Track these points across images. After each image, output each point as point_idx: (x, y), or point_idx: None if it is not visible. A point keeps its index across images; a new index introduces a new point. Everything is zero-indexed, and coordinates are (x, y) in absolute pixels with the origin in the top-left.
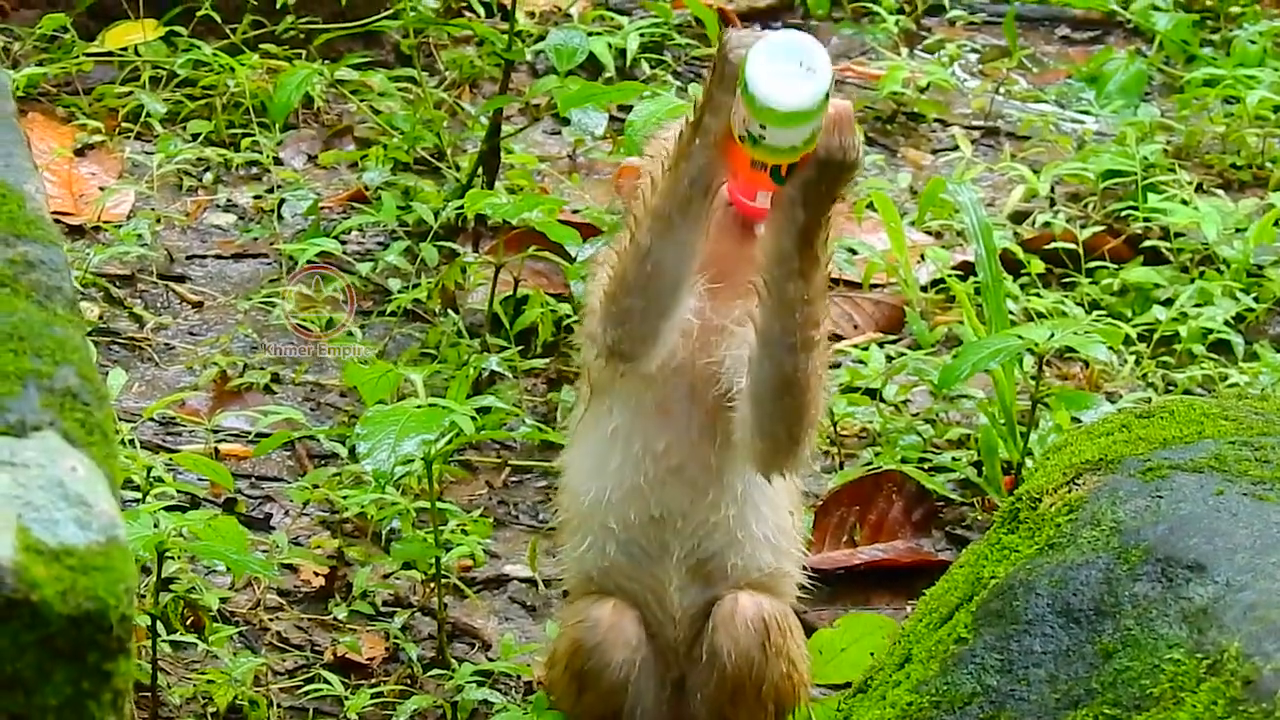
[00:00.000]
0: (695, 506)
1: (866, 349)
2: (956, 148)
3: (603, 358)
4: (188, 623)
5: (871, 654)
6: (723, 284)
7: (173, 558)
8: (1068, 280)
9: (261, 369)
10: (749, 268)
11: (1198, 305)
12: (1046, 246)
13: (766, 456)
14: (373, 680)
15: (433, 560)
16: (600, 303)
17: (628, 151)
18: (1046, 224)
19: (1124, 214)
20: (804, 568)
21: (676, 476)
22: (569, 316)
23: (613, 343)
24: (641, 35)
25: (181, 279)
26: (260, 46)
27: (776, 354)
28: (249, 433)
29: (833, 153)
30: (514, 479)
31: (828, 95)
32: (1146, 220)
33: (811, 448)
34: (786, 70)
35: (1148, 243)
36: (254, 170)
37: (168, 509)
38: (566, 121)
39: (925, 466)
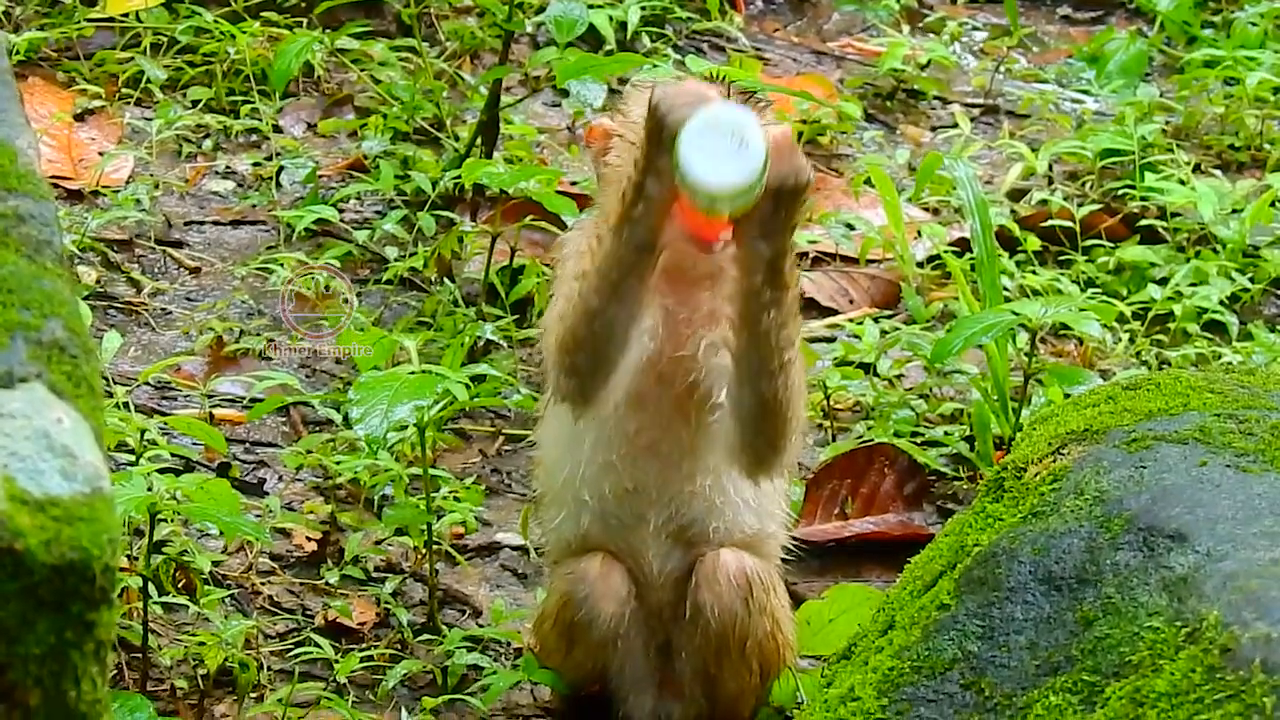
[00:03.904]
0: (670, 480)
1: (861, 323)
2: (956, 125)
3: (562, 400)
4: (179, 585)
5: (859, 623)
6: (681, 282)
7: (165, 520)
8: (1064, 258)
9: (257, 335)
10: (706, 264)
11: (1193, 285)
12: (1043, 224)
13: (751, 466)
14: (363, 644)
15: (425, 526)
16: (553, 350)
17: None
18: (1044, 202)
19: (1121, 193)
20: (790, 530)
21: (650, 453)
22: None
23: (567, 392)
24: (643, 8)
25: (179, 245)
26: (261, 14)
27: (755, 380)
28: (244, 398)
29: (785, 180)
30: (507, 447)
31: (766, 163)
32: (1143, 199)
33: (795, 453)
34: (719, 148)
35: (1144, 222)
36: (253, 137)
37: (161, 472)
38: (566, 93)
39: (918, 440)
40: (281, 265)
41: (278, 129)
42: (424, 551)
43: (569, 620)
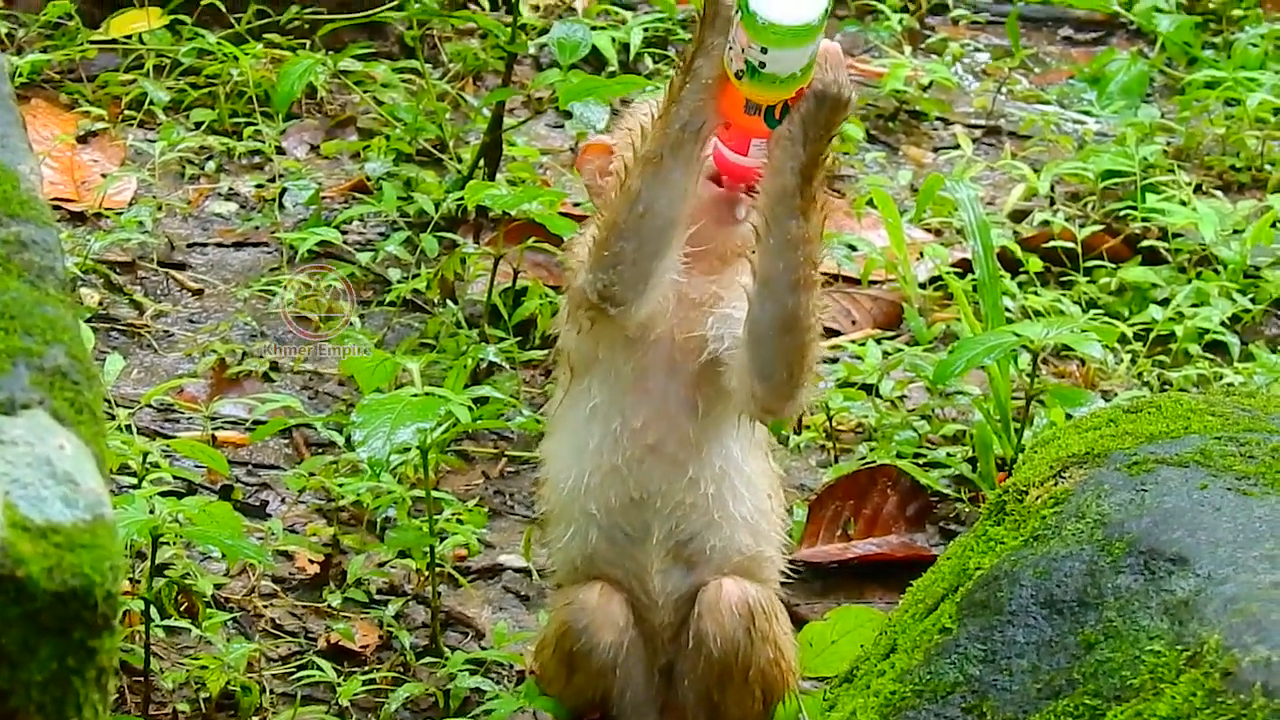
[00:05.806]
0: (674, 486)
1: (864, 345)
2: (957, 146)
3: (591, 312)
4: (182, 608)
5: (861, 646)
6: (700, 261)
7: (168, 543)
8: (1066, 279)
9: (260, 357)
10: (728, 245)
11: (1194, 305)
12: (1045, 245)
13: (765, 398)
14: (366, 667)
15: (427, 549)
16: (590, 252)
17: None
18: (1045, 223)
19: (1123, 214)
20: (786, 553)
21: (655, 454)
22: None
23: (603, 288)
24: (645, 30)
25: (182, 266)
26: (264, 36)
27: (778, 293)
28: (246, 420)
29: (828, 86)
30: (510, 469)
31: (827, 11)
32: (1145, 220)
33: (808, 393)
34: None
35: (1146, 243)
36: (256, 159)
37: (164, 494)
38: (569, 115)
39: (920, 462)
40: (285, 287)
41: (280, 150)
42: (426, 574)
43: (568, 649)
